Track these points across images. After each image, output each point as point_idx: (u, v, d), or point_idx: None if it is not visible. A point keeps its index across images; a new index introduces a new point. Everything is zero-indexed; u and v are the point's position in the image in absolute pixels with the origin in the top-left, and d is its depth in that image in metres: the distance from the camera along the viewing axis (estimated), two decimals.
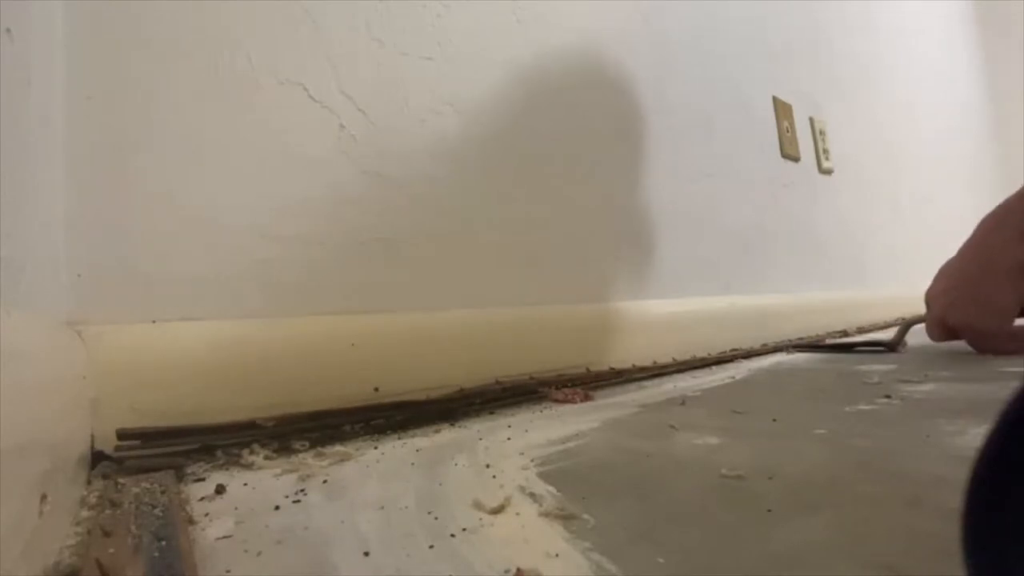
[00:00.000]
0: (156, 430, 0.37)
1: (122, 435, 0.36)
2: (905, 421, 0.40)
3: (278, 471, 0.36)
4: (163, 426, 0.38)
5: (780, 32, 1.27)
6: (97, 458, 0.35)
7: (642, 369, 0.72)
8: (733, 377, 0.69)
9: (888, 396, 0.49)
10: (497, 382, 0.57)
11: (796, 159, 1.24)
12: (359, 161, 0.54)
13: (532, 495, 0.29)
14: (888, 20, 1.81)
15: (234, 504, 0.30)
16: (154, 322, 0.41)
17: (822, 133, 1.34)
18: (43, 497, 0.22)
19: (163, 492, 0.30)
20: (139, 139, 0.43)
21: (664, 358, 0.77)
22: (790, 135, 1.22)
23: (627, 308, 0.77)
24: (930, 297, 0.74)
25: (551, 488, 0.30)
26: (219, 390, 0.41)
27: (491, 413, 0.53)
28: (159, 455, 0.37)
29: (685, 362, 0.79)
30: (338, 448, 0.40)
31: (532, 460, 0.36)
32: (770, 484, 0.29)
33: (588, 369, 0.67)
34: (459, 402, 0.53)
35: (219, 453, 0.39)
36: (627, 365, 0.72)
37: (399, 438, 0.44)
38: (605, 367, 0.69)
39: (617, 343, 0.73)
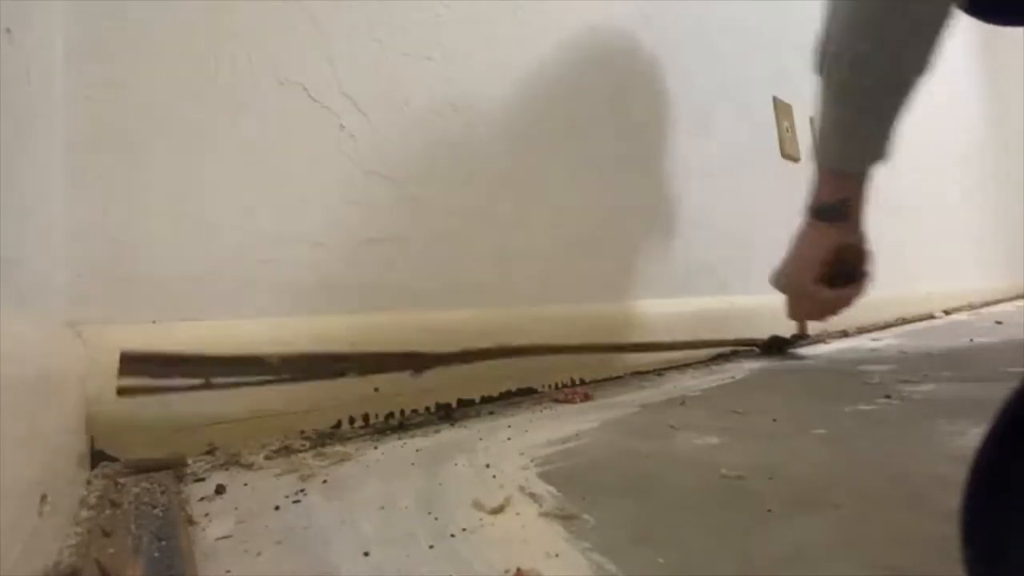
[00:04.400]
0: (160, 355, 0.38)
1: (126, 356, 0.36)
2: (905, 421, 0.40)
3: (278, 471, 0.36)
4: (168, 351, 0.38)
5: (780, 32, 1.27)
6: (97, 458, 0.35)
7: (637, 347, 0.73)
8: (733, 377, 0.69)
9: (888, 396, 0.49)
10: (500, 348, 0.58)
11: (796, 159, 1.24)
12: (359, 161, 0.54)
13: (532, 495, 0.29)
14: None
15: (234, 504, 0.30)
16: (154, 322, 0.41)
17: None
18: (43, 497, 0.22)
19: (163, 492, 0.31)
20: (139, 139, 0.43)
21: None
22: (790, 135, 1.22)
23: (626, 308, 0.77)
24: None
25: (551, 488, 0.30)
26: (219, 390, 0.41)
27: (491, 413, 0.53)
28: (165, 388, 0.37)
29: (684, 361, 0.79)
30: (338, 448, 0.40)
31: (532, 460, 0.36)
32: (770, 484, 0.29)
33: (588, 367, 0.67)
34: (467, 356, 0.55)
35: (219, 452, 0.39)
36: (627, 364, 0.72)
37: (399, 438, 0.44)
38: (605, 366, 0.69)
39: (615, 343, 0.73)
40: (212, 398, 0.40)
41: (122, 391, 0.36)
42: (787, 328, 0.95)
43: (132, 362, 0.36)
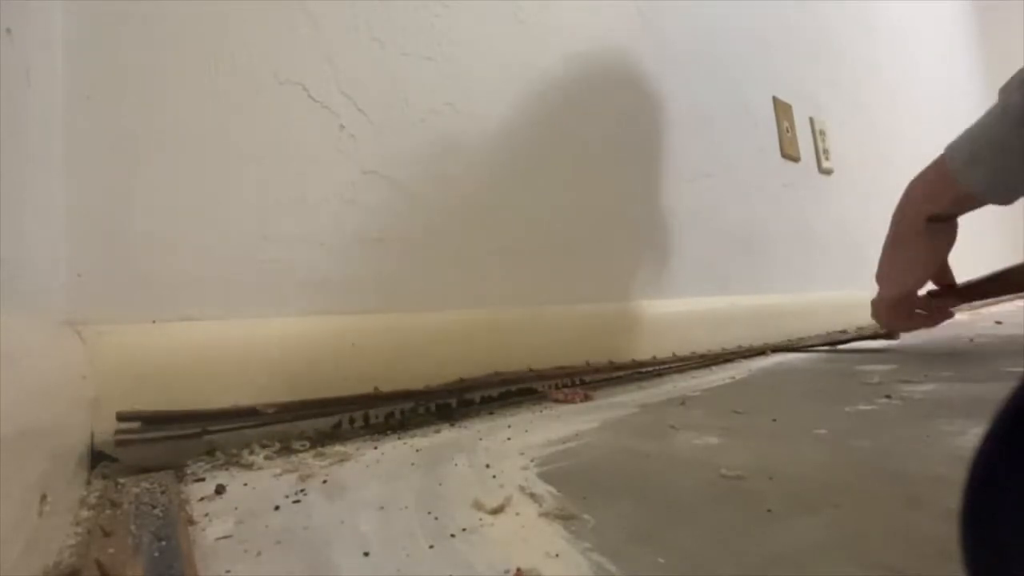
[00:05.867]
0: (156, 414, 0.37)
1: (122, 417, 0.36)
2: (905, 421, 0.40)
3: (278, 471, 0.36)
4: (163, 410, 0.37)
5: (780, 32, 1.27)
6: (97, 458, 0.35)
7: (641, 366, 0.72)
8: (733, 377, 0.69)
9: (888, 396, 0.49)
10: (497, 374, 0.57)
11: (796, 159, 1.24)
12: (359, 161, 0.54)
13: (532, 495, 0.29)
14: (888, 20, 1.81)
15: (234, 504, 0.30)
16: (154, 322, 0.41)
17: (822, 133, 1.34)
18: (43, 497, 0.22)
19: (163, 492, 0.31)
20: (139, 139, 0.43)
21: (664, 356, 0.77)
22: (790, 135, 1.22)
23: (626, 308, 0.77)
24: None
25: (551, 488, 0.30)
26: (219, 390, 0.41)
27: (491, 413, 0.53)
28: (161, 438, 0.36)
29: (685, 360, 0.79)
30: (338, 448, 0.40)
31: (532, 460, 0.36)
32: (770, 484, 0.29)
33: (588, 363, 0.67)
34: (457, 393, 0.53)
35: (219, 453, 0.39)
36: (626, 362, 0.72)
37: (399, 438, 0.44)
38: (604, 364, 0.69)
39: (615, 343, 0.73)
40: None
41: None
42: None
43: (128, 419, 0.36)
